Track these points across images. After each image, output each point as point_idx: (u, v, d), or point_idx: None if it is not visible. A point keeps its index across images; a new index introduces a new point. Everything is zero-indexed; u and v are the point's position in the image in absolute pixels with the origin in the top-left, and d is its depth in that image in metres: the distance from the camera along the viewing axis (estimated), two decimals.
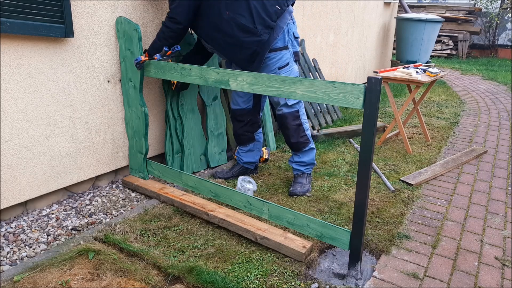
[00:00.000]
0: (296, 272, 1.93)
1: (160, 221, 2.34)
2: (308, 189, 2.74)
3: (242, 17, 2.44)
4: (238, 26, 2.44)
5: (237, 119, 2.87)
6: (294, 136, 2.72)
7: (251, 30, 2.45)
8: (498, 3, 11.16)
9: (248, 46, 2.49)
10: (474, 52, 11.44)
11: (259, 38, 2.47)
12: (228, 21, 2.44)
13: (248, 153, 2.95)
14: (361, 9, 5.95)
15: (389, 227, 2.35)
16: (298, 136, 2.72)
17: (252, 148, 2.94)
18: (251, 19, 2.45)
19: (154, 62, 2.47)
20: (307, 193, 2.71)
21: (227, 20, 2.44)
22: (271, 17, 2.49)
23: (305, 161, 2.78)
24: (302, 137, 2.73)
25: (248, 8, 2.44)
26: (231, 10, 2.43)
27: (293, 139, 2.72)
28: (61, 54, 2.34)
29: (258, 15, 2.45)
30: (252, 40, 2.47)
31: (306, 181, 2.78)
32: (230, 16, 2.44)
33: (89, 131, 2.58)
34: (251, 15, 2.45)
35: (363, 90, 1.67)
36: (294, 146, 2.75)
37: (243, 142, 2.93)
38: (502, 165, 3.40)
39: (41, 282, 1.78)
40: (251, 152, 2.95)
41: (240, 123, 2.87)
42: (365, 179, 1.76)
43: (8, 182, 2.23)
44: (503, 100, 6.01)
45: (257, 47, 2.49)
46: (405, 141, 3.64)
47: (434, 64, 5.12)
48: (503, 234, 2.34)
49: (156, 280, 1.84)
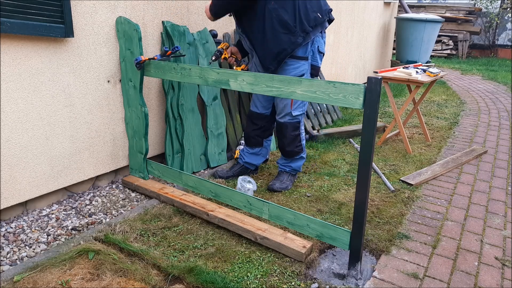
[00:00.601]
0: (296, 272, 1.93)
1: (160, 221, 2.34)
2: (287, 186, 2.77)
3: (285, 12, 2.45)
4: (279, 19, 2.45)
5: (252, 121, 2.88)
6: (290, 145, 2.75)
7: (289, 28, 2.46)
8: (498, 3, 11.16)
9: (280, 43, 2.49)
10: (474, 52, 11.44)
11: (294, 39, 2.48)
12: (271, 11, 2.45)
13: (252, 155, 2.96)
14: (361, 9, 5.95)
15: (389, 227, 2.35)
16: (293, 146, 2.75)
17: (257, 152, 2.96)
18: (293, 17, 2.46)
19: (154, 62, 2.47)
20: (286, 189, 2.76)
21: (270, 10, 2.45)
22: (309, 23, 2.50)
23: (291, 166, 2.84)
24: (297, 147, 2.77)
25: (293, 6, 2.45)
26: (276, 1, 2.44)
27: (288, 148, 2.76)
28: (61, 54, 2.34)
29: (299, 17, 2.46)
30: (287, 39, 2.48)
31: (288, 179, 2.82)
32: (274, 7, 2.44)
33: (89, 131, 2.58)
34: (294, 13, 2.46)
35: (363, 90, 1.67)
36: (287, 153, 2.79)
37: (250, 144, 2.94)
38: (502, 165, 3.40)
39: (41, 282, 1.78)
40: (256, 155, 2.97)
41: (253, 125, 2.88)
42: (365, 179, 1.76)
43: (8, 182, 2.23)
44: (503, 100, 6.01)
45: (288, 47, 2.50)
46: (405, 141, 3.64)
47: (434, 64, 5.13)
48: (503, 234, 2.34)
49: (156, 280, 1.84)
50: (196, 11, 3.13)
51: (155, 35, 2.85)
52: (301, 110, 2.70)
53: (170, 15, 2.93)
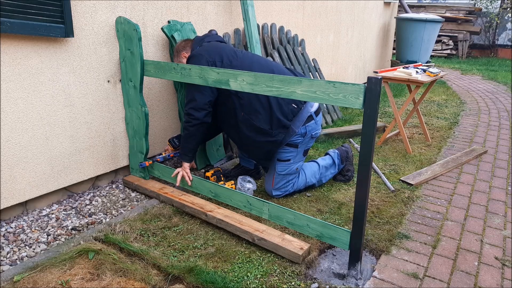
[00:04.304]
0: (296, 272, 1.93)
1: (160, 221, 2.34)
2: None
3: (257, 118, 2.42)
4: (253, 127, 2.44)
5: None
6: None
7: (265, 132, 2.43)
8: (498, 3, 11.16)
9: (262, 146, 2.48)
10: (474, 52, 11.44)
11: (274, 139, 2.45)
12: (243, 121, 2.45)
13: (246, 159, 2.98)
14: (361, 9, 5.95)
15: (389, 227, 2.35)
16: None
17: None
18: (266, 119, 2.42)
19: (154, 62, 2.47)
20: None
21: (242, 121, 2.45)
22: (287, 116, 2.44)
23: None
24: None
25: (263, 108, 2.41)
26: (245, 111, 2.42)
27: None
28: (61, 54, 2.34)
29: (274, 115, 2.41)
30: (266, 140, 2.45)
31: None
32: (245, 117, 2.44)
33: (89, 131, 2.58)
34: (267, 115, 2.42)
35: (363, 90, 1.67)
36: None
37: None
38: (502, 165, 3.40)
39: (41, 282, 1.78)
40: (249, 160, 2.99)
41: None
42: (365, 179, 1.76)
43: (8, 182, 2.23)
44: (503, 100, 6.01)
45: (273, 147, 2.48)
46: (405, 141, 3.64)
47: (434, 64, 5.12)
48: (503, 234, 2.34)
49: (156, 280, 1.84)
50: (196, 11, 3.13)
51: (155, 35, 2.85)
52: (283, 192, 2.64)
53: (170, 15, 2.93)
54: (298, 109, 2.48)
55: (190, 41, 2.70)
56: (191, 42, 2.69)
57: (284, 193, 2.65)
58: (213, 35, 2.73)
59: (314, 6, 4.67)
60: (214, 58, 2.46)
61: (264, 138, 2.45)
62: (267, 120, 2.42)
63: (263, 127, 2.43)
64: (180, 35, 2.92)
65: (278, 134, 2.44)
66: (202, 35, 2.73)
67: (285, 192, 2.64)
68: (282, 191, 2.63)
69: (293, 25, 4.38)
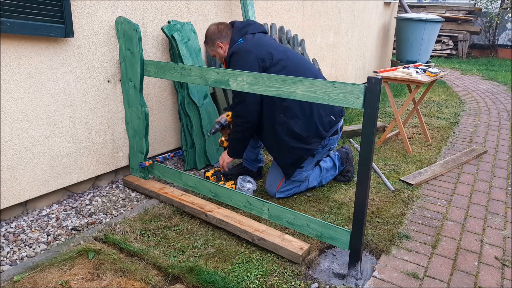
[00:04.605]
0: (296, 272, 1.93)
1: (160, 221, 2.34)
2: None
3: (296, 123, 2.35)
4: (290, 131, 2.37)
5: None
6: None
7: (302, 138, 2.38)
8: (498, 3, 11.16)
9: (295, 152, 2.43)
10: (474, 52, 11.44)
11: (308, 147, 2.40)
12: (281, 124, 2.38)
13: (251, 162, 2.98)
14: (361, 9, 5.95)
15: (389, 227, 2.35)
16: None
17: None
18: (306, 126, 2.36)
19: (154, 62, 2.47)
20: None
21: (280, 123, 2.38)
22: (325, 127, 2.40)
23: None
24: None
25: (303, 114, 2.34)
26: (285, 114, 2.36)
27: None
28: (61, 54, 2.34)
29: (315, 124, 2.37)
30: (300, 147, 2.41)
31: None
32: (283, 120, 2.37)
33: (89, 131, 2.58)
34: (307, 122, 2.36)
35: (363, 90, 1.67)
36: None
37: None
38: (502, 165, 3.40)
39: (41, 282, 1.78)
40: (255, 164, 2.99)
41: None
42: (365, 179, 1.76)
43: (8, 182, 2.23)
44: (503, 100, 6.01)
45: (305, 154, 2.43)
46: (405, 141, 3.64)
47: (434, 64, 5.13)
48: (503, 234, 2.34)
49: (156, 280, 1.84)
50: (196, 11, 3.13)
51: (155, 35, 2.85)
52: (285, 194, 2.64)
53: (170, 15, 2.93)
54: (335, 122, 2.47)
55: (226, 27, 2.47)
56: (228, 29, 2.45)
57: (286, 196, 2.66)
58: (256, 25, 2.51)
59: (314, 6, 4.67)
60: (263, 55, 2.31)
61: (298, 144, 2.40)
62: (306, 127, 2.37)
63: (301, 133, 2.38)
64: (180, 35, 2.92)
65: (313, 143, 2.41)
66: (242, 23, 2.48)
67: (287, 195, 2.66)
68: (285, 194, 2.65)
69: (293, 25, 4.38)
